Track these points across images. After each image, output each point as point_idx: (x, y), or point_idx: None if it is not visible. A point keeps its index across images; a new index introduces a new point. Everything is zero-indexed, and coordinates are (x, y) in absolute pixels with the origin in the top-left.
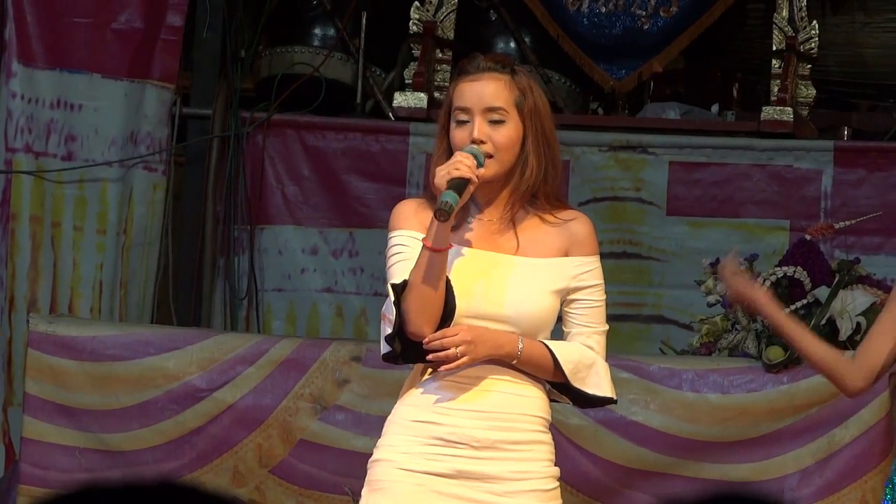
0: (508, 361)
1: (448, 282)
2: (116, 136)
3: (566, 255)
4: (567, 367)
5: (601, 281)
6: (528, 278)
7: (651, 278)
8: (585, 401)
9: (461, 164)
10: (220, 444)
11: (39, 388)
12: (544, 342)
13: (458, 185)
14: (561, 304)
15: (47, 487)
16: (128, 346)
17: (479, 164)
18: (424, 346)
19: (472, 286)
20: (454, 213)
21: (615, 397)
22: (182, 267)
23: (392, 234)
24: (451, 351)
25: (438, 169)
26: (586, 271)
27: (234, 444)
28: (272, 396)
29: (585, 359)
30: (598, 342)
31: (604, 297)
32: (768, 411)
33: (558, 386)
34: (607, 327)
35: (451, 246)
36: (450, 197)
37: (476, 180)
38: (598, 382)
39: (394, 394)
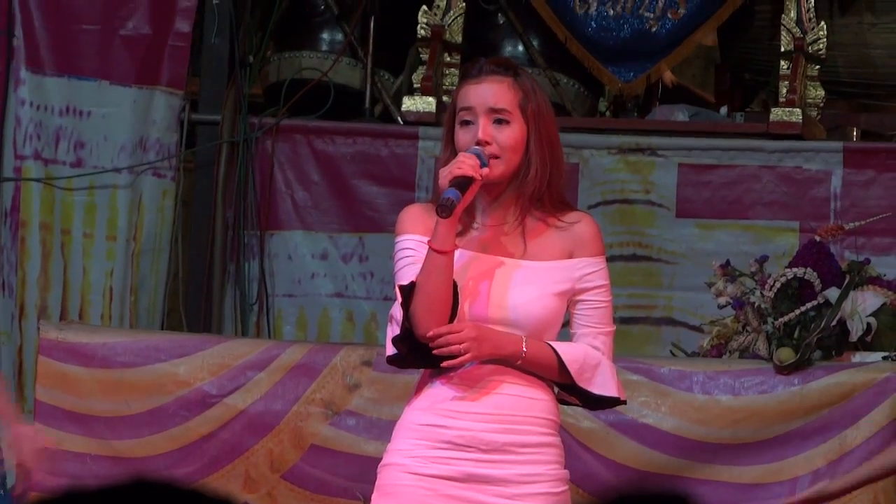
0: (513, 362)
1: (454, 285)
2: (125, 143)
3: (571, 256)
4: (572, 368)
5: (607, 282)
6: (532, 282)
7: (661, 280)
8: (593, 402)
9: (463, 164)
10: (231, 449)
11: (50, 395)
12: (549, 343)
13: (461, 183)
14: (567, 307)
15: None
16: (138, 352)
17: (483, 164)
18: (429, 339)
19: (477, 290)
20: (457, 211)
21: (623, 398)
22: (192, 273)
23: (399, 238)
24: (455, 347)
25: (441, 170)
26: (592, 272)
27: (245, 449)
28: (283, 402)
29: (591, 359)
30: (605, 342)
31: (610, 297)
32: (779, 413)
33: (566, 387)
34: (614, 328)
35: (456, 247)
36: (451, 193)
37: (479, 178)
38: (604, 382)
39: (405, 398)
